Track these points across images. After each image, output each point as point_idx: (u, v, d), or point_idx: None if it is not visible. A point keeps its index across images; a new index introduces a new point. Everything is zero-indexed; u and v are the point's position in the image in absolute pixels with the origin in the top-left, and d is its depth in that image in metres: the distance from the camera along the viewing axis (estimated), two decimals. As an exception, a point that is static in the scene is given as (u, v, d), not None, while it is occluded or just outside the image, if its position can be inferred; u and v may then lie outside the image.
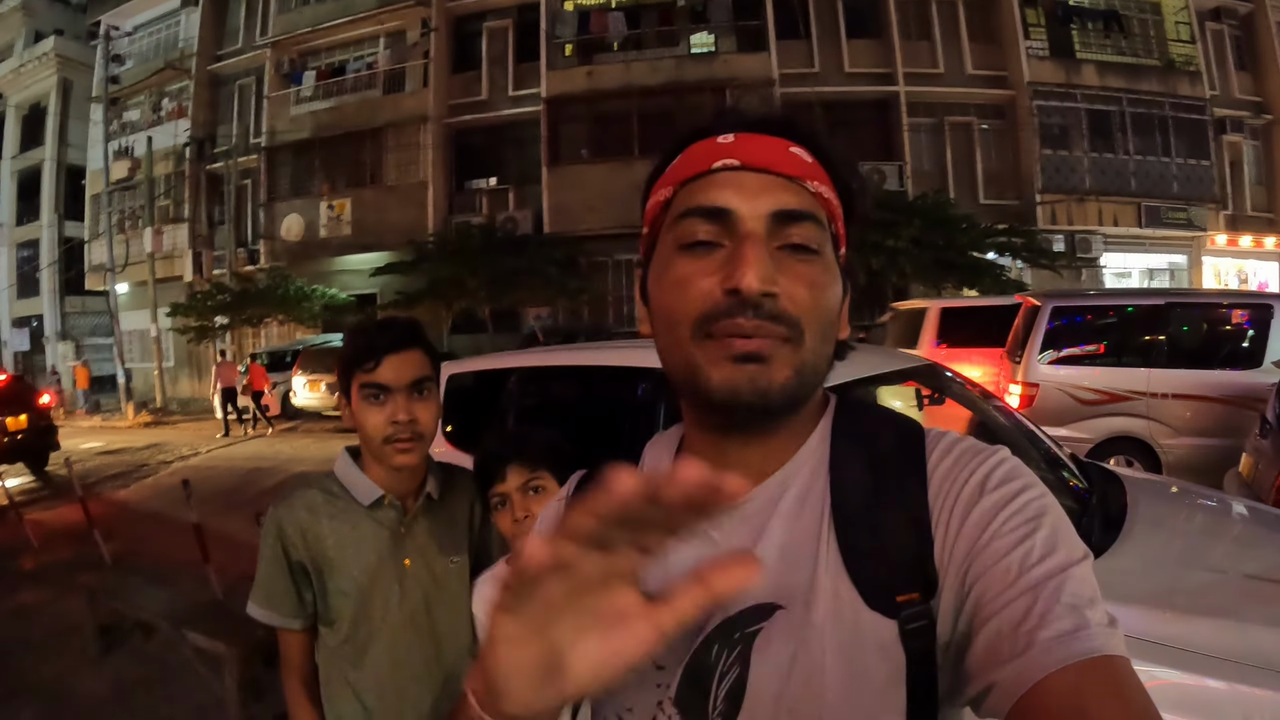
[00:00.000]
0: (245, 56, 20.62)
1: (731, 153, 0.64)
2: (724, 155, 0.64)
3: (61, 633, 4.48)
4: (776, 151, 0.64)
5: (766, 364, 0.60)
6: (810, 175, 0.64)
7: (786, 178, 0.63)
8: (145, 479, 10.22)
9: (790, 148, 0.64)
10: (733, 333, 0.60)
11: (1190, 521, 2.70)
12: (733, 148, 0.64)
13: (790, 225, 0.62)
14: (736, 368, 0.60)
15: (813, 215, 0.63)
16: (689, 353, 0.62)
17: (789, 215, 0.62)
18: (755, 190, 0.62)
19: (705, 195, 0.63)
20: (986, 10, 16.87)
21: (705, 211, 0.62)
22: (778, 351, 0.60)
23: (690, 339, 0.62)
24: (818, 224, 0.64)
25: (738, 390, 0.60)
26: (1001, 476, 0.60)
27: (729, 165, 0.63)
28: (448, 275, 15.24)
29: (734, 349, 0.60)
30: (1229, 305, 6.66)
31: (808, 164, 0.65)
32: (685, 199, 0.65)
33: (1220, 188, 17.33)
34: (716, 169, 0.64)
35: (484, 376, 3.40)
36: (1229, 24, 18.20)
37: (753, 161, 0.63)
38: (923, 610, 0.58)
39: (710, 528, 0.66)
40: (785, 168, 0.63)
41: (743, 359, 0.60)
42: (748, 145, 0.64)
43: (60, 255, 23.95)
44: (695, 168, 0.65)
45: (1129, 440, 6.09)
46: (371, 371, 1.30)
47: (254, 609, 1.39)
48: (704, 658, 0.64)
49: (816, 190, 0.64)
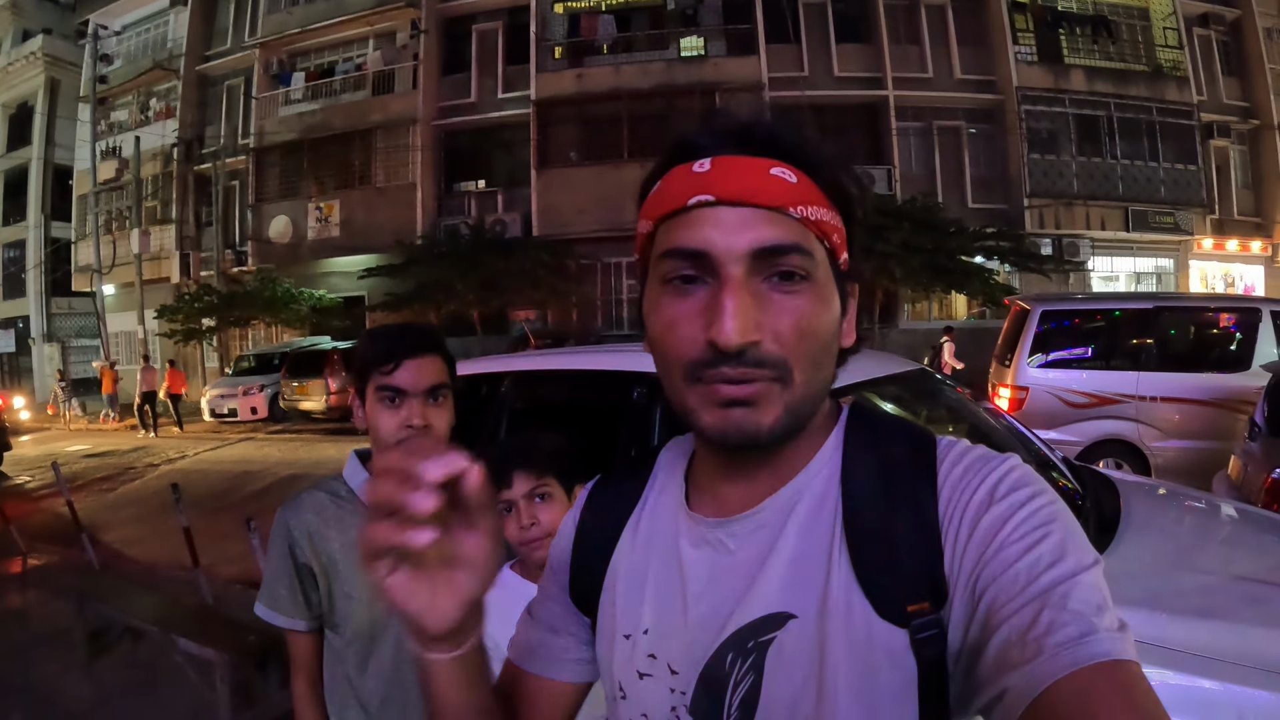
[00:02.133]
0: (234, 57, 20.52)
1: (707, 185, 0.61)
2: (699, 188, 0.61)
3: (50, 637, 4.45)
4: (755, 178, 0.61)
5: (754, 408, 0.60)
6: (794, 200, 0.61)
7: (767, 209, 0.61)
8: (132, 482, 10.20)
9: (771, 169, 0.62)
10: (719, 380, 0.60)
11: (1182, 524, 2.74)
12: (709, 177, 0.61)
13: (774, 259, 0.60)
14: (724, 413, 0.60)
15: (796, 246, 0.61)
16: (682, 394, 0.63)
17: (770, 250, 0.60)
18: (733, 227, 0.60)
19: (682, 235, 0.62)
20: (975, 15, 16.93)
21: (683, 253, 0.62)
22: (766, 394, 0.60)
23: (683, 381, 0.62)
24: (804, 253, 0.62)
25: (726, 434, 0.61)
26: (1011, 484, 0.61)
27: (704, 201, 0.61)
28: (436, 278, 15.21)
29: (720, 395, 0.60)
30: (1216, 309, 6.76)
31: (790, 186, 0.62)
32: (665, 238, 0.64)
33: (1207, 192, 17.43)
34: (691, 206, 0.62)
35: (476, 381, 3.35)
36: (1217, 30, 18.33)
37: (729, 195, 0.60)
38: (933, 620, 0.58)
39: (725, 537, 0.68)
40: (764, 198, 0.61)
41: (729, 404, 0.60)
42: (725, 174, 0.61)
43: (46, 256, 23.80)
44: (671, 203, 0.63)
45: (1118, 443, 6.14)
46: (389, 374, 1.29)
47: (261, 610, 1.39)
48: (718, 666, 0.65)
49: (802, 215, 0.62)
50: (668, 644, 0.69)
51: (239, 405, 15.23)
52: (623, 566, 0.76)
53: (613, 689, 0.75)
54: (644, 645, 0.71)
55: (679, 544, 0.72)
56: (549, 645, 0.82)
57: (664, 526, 0.75)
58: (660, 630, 0.70)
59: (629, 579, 0.75)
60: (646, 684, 0.70)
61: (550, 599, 0.84)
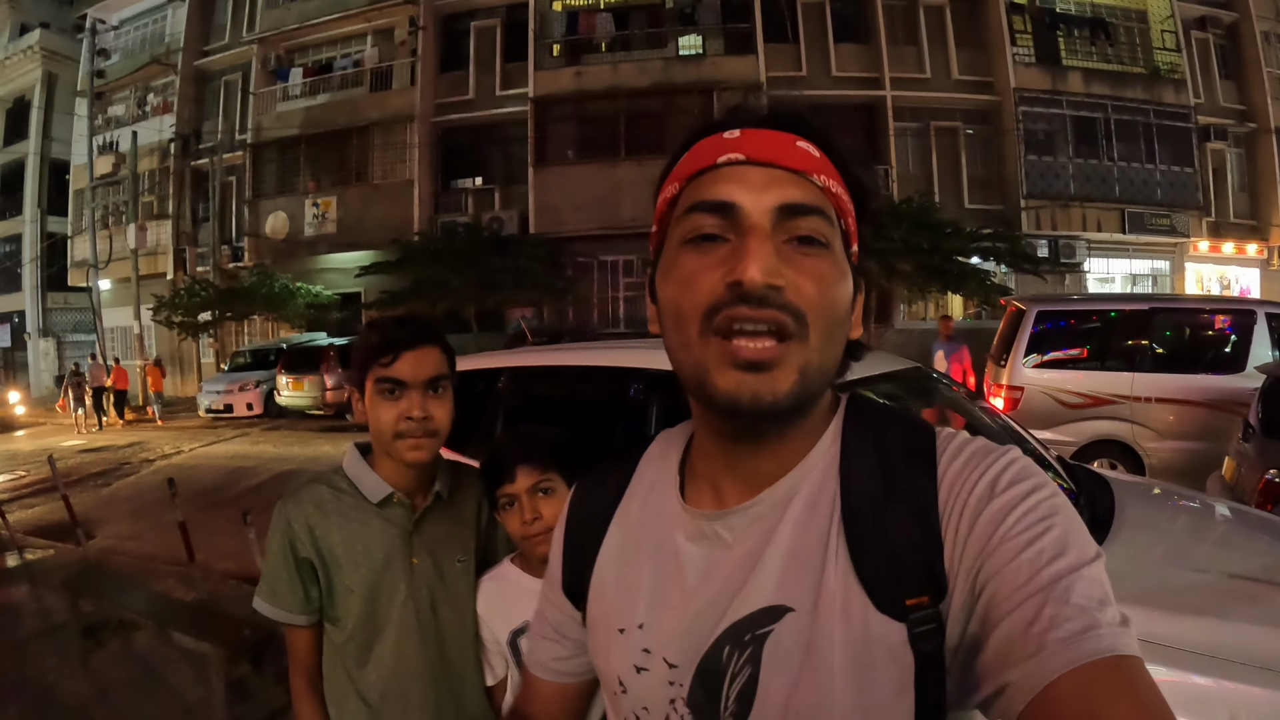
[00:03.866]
0: (231, 52, 20.49)
1: (737, 147, 0.63)
2: (729, 150, 0.64)
3: (45, 633, 4.43)
4: (782, 145, 0.63)
5: (770, 370, 0.60)
6: (817, 169, 0.64)
7: (792, 171, 0.63)
8: (128, 477, 10.15)
9: (797, 142, 0.64)
10: (737, 320, 0.59)
11: (1176, 523, 2.75)
12: (738, 142, 0.64)
13: (796, 219, 0.61)
14: (740, 376, 0.60)
15: (819, 209, 0.63)
16: (696, 352, 0.62)
17: (795, 209, 0.61)
18: (760, 184, 0.62)
19: (710, 190, 0.63)
20: (973, 16, 16.94)
21: (710, 206, 0.62)
22: (783, 354, 0.60)
23: (698, 336, 0.61)
24: (825, 218, 0.63)
25: (739, 399, 0.60)
26: (1012, 477, 0.60)
27: (734, 160, 0.63)
28: (433, 275, 15.18)
29: (739, 355, 0.59)
30: (1212, 311, 6.77)
31: (815, 158, 0.64)
32: (691, 194, 0.65)
33: (1203, 194, 17.45)
34: (721, 163, 0.64)
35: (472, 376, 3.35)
36: (1214, 33, 18.36)
37: (758, 155, 0.63)
38: (932, 614, 0.58)
39: (722, 530, 0.68)
40: (791, 161, 0.63)
41: (746, 366, 0.59)
42: (753, 140, 0.64)
43: (42, 251, 23.72)
44: (701, 163, 0.65)
45: (1113, 443, 6.17)
46: (388, 366, 1.28)
47: (260, 604, 1.38)
48: (715, 659, 0.65)
49: (824, 184, 0.64)
50: (664, 637, 0.69)
51: (234, 401, 15.16)
52: (612, 560, 0.77)
53: (611, 683, 0.75)
54: (639, 639, 0.71)
55: (674, 537, 0.72)
56: (553, 650, 0.85)
57: (658, 520, 0.75)
58: (656, 624, 0.70)
59: (620, 573, 0.76)
60: (644, 678, 0.70)
61: (549, 603, 0.85)
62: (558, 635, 0.84)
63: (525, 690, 0.90)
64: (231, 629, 3.25)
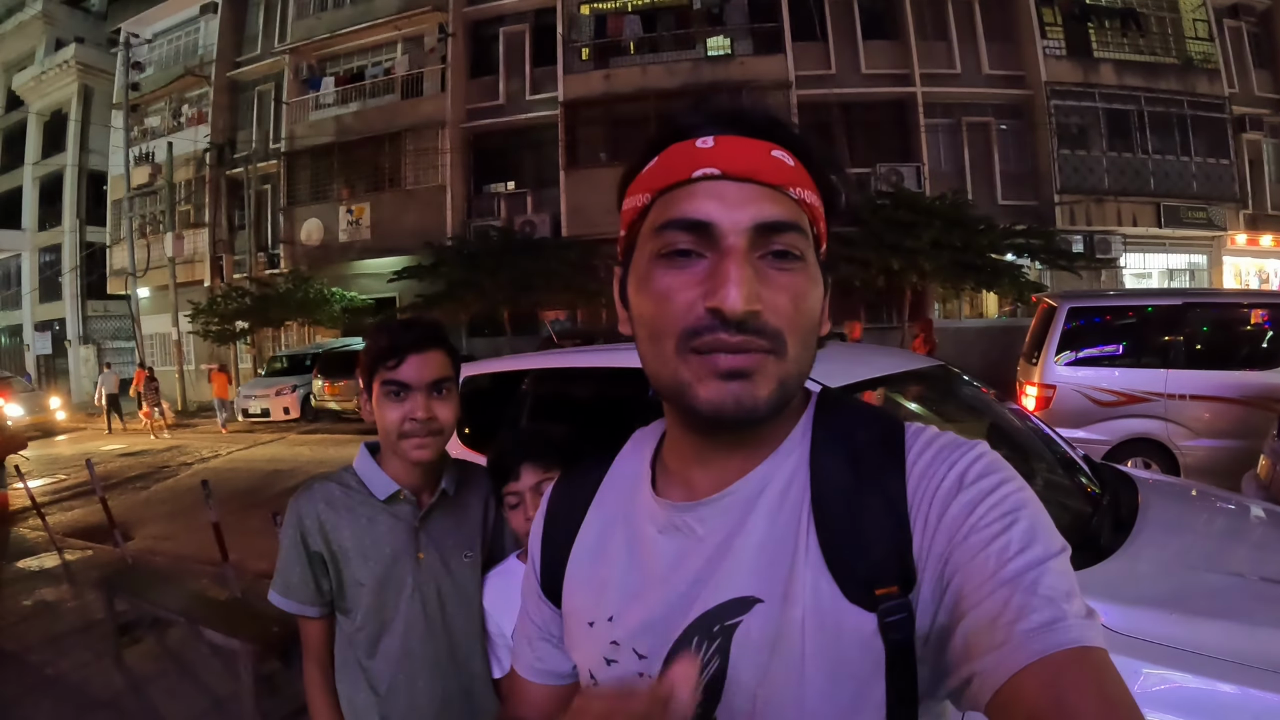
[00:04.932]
0: (264, 63, 20.74)
1: (712, 159, 0.62)
2: (704, 162, 0.62)
3: (81, 629, 4.55)
4: (758, 157, 0.62)
5: (751, 380, 0.60)
6: (792, 181, 0.63)
7: (769, 186, 0.62)
8: (166, 480, 10.32)
9: (772, 151, 0.63)
10: (717, 349, 0.59)
11: (1204, 523, 2.66)
12: (713, 154, 0.62)
13: (773, 235, 0.61)
14: (722, 385, 0.60)
15: (795, 224, 0.62)
16: (674, 367, 0.62)
17: (772, 226, 0.61)
18: (737, 201, 0.61)
19: (686, 206, 0.61)
20: (1003, 10, 16.75)
21: (686, 224, 0.61)
22: (762, 366, 0.60)
23: (675, 353, 0.61)
24: (800, 232, 0.63)
25: (722, 407, 0.60)
26: (980, 470, 0.61)
27: (709, 174, 0.61)
28: (466, 279, 15.28)
29: (719, 366, 0.60)
30: (1248, 305, 6.61)
31: (790, 169, 0.63)
32: (664, 209, 0.63)
33: (1240, 186, 17.12)
34: (697, 178, 0.62)
35: (498, 379, 3.45)
36: (1247, 21, 18.01)
37: (734, 170, 0.61)
38: (902, 604, 0.58)
39: (693, 521, 0.68)
40: (767, 176, 0.62)
41: (727, 376, 0.60)
42: (728, 151, 0.62)
43: (82, 260, 24.17)
44: (674, 175, 0.63)
45: (1147, 442, 6.05)
46: (394, 369, 1.33)
47: (274, 597, 1.43)
48: (684, 649, 0.65)
49: (799, 196, 0.63)
50: (633, 629, 0.69)
51: (271, 405, 15.39)
52: (584, 556, 0.77)
53: (585, 677, 0.75)
54: (608, 632, 0.71)
55: (645, 529, 0.72)
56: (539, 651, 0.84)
57: (629, 513, 0.75)
58: (626, 615, 0.70)
59: (591, 567, 0.76)
60: (614, 669, 0.70)
61: (532, 604, 0.85)
62: (543, 635, 0.84)
63: (516, 694, 0.88)
64: (261, 626, 3.26)
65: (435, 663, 1.41)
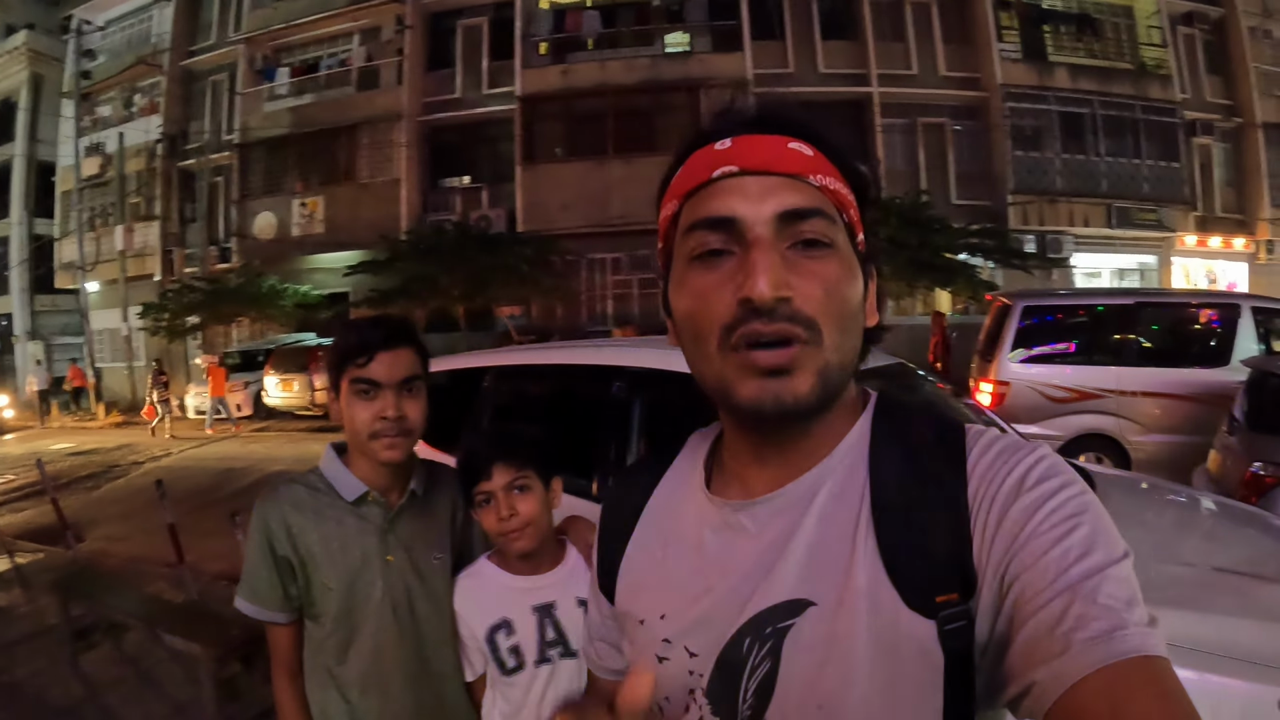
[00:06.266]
0: (218, 52, 20.37)
1: (730, 158, 0.63)
2: (723, 162, 0.64)
3: (36, 635, 4.44)
4: (775, 150, 0.63)
5: (790, 376, 0.60)
6: (813, 169, 0.64)
7: (788, 176, 0.63)
8: (117, 480, 10.19)
9: (789, 144, 0.64)
10: (754, 341, 0.60)
11: (1160, 516, 2.74)
12: (730, 153, 0.64)
13: (798, 223, 0.62)
14: (761, 382, 0.60)
15: (819, 210, 0.63)
16: (717, 366, 0.63)
17: (795, 214, 0.62)
18: (758, 194, 0.62)
19: (709, 205, 0.63)
20: (960, 13, 16.96)
21: (711, 222, 0.63)
22: (800, 358, 0.60)
23: (717, 351, 0.62)
24: (826, 218, 0.63)
25: (763, 404, 0.61)
26: (1040, 474, 0.60)
27: (728, 172, 0.63)
28: (421, 274, 15.11)
29: (758, 364, 0.60)
30: (1197, 305, 6.79)
31: (809, 158, 0.64)
32: (691, 211, 0.65)
33: (1190, 189, 17.50)
34: (717, 178, 0.64)
35: (459, 376, 3.38)
36: (1200, 28, 18.39)
37: (752, 164, 0.63)
38: (962, 611, 0.58)
39: (746, 520, 0.68)
40: (785, 166, 0.63)
41: (766, 373, 0.60)
42: (745, 148, 0.63)
43: (30, 253, 23.59)
44: (697, 178, 0.65)
45: (1099, 437, 6.21)
46: (363, 367, 1.31)
47: (241, 603, 1.39)
48: (735, 650, 0.65)
49: (821, 183, 0.64)
50: (685, 626, 0.69)
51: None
52: (638, 553, 0.78)
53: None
54: (661, 629, 0.71)
55: (699, 528, 0.72)
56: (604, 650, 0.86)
57: (683, 511, 0.75)
58: (678, 613, 0.70)
59: (644, 565, 0.76)
60: (665, 667, 0.70)
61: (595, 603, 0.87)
62: (606, 634, 0.85)
63: (589, 688, 0.92)
64: (221, 629, 3.26)
65: (406, 667, 1.39)
